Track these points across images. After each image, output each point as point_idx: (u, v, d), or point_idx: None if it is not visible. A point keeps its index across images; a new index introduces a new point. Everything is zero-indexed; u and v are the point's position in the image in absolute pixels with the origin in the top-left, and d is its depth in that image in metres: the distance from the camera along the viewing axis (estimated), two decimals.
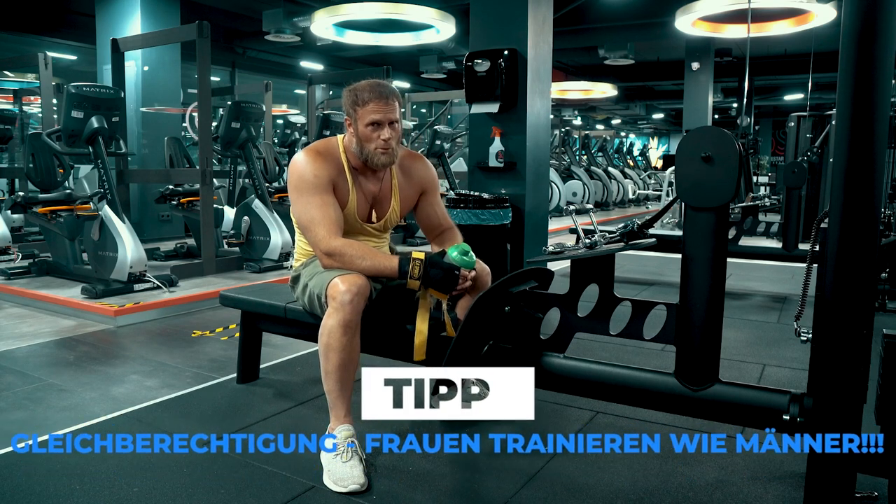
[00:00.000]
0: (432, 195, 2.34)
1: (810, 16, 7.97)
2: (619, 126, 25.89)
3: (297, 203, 2.07)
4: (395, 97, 2.08)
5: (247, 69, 12.52)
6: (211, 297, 4.22)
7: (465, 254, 2.01)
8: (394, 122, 2.06)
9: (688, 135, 1.70)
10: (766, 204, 5.28)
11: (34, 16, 9.06)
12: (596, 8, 9.78)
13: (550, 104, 4.55)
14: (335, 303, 1.93)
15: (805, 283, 1.82)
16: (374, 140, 2.05)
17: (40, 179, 4.90)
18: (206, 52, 4.92)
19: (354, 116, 2.07)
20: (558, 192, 10.93)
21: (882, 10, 1.38)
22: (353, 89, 2.08)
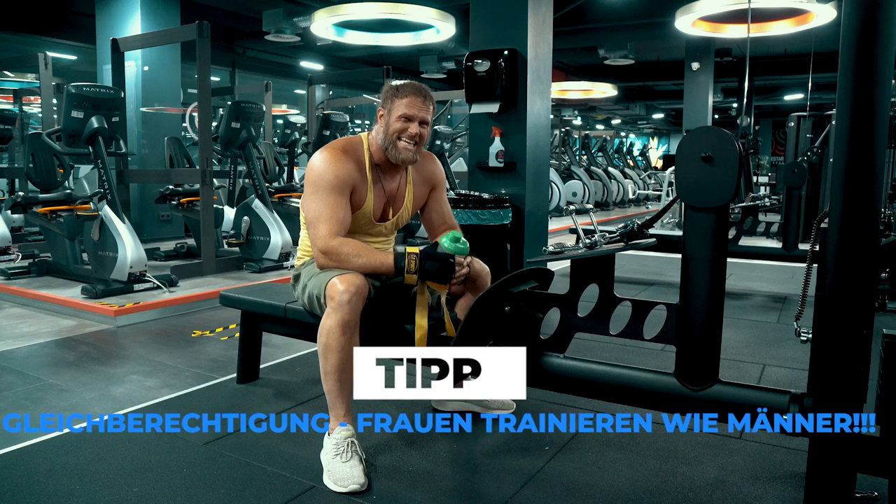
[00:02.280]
0: (440, 192, 2.36)
1: (810, 16, 7.97)
2: (619, 126, 25.89)
3: (311, 198, 2.08)
4: (431, 101, 2.14)
5: (247, 69, 12.52)
6: (211, 297, 4.22)
7: (457, 240, 2.01)
8: (424, 122, 2.11)
9: (688, 135, 1.70)
10: (766, 204, 5.28)
11: (34, 16, 9.06)
12: (596, 8, 9.78)
13: (550, 104, 4.55)
14: (333, 303, 1.94)
15: (805, 283, 1.82)
16: (402, 133, 2.08)
17: (40, 179, 4.90)
18: (206, 52, 4.92)
19: (389, 107, 2.10)
20: (558, 192, 10.93)
21: (882, 10, 1.38)
22: (395, 84, 2.13)
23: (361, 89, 13.21)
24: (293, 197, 6.04)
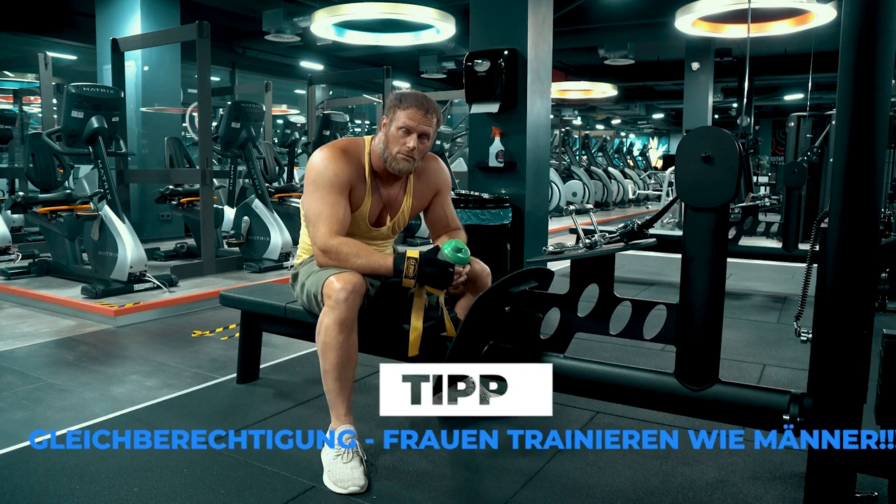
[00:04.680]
0: (444, 196, 2.35)
1: (810, 16, 7.97)
2: (619, 126, 25.89)
3: (310, 196, 2.08)
4: (435, 114, 2.11)
5: (247, 69, 12.52)
6: (211, 297, 4.22)
7: (459, 250, 2.01)
8: (424, 135, 2.08)
9: (688, 135, 1.70)
10: (766, 204, 5.28)
11: (34, 16, 9.06)
12: (596, 8, 9.78)
13: (550, 104, 4.55)
14: (331, 301, 1.94)
15: (805, 283, 1.81)
16: (400, 145, 2.07)
17: (40, 179, 4.90)
18: (206, 52, 4.92)
19: (391, 117, 2.09)
20: (558, 192, 10.93)
21: (882, 10, 1.38)
22: (401, 93, 2.12)
23: (361, 89, 13.22)
24: (293, 197, 6.04)
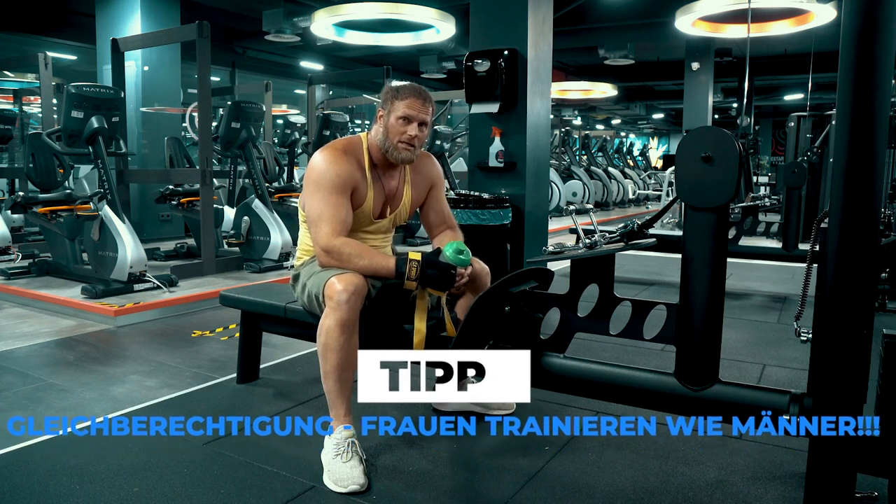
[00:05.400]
0: (438, 190, 2.38)
1: (810, 16, 7.97)
2: (619, 126, 25.89)
3: (312, 197, 2.09)
4: (431, 103, 2.16)
5: (247, 69, 12.52)
6: (211, 297, 4.22)
7: (461, 252, 2.02)
8: (424, 123, 2.13)
9: (688, 135, 1.70)
10: (766, 204, 5.28)
11: (34, 16, 9.06)
12: (596, 8, 9.78)
13: (550, 104, 4.55)
14: (332, 302, 1.94)
15: (805, 283, 1.82)
16: (401, 134, 2.10)
17: (40, 179, 4.90)
18: (206, 52, 4.92)
19: (388, 108, 2.12)
20: (558, 192, 10.93)
21: (882, 10, 1.38)
22: (395, 86, 2.15)
23: (361, 89, 13.21)
24: (293, 197, 6.04)
